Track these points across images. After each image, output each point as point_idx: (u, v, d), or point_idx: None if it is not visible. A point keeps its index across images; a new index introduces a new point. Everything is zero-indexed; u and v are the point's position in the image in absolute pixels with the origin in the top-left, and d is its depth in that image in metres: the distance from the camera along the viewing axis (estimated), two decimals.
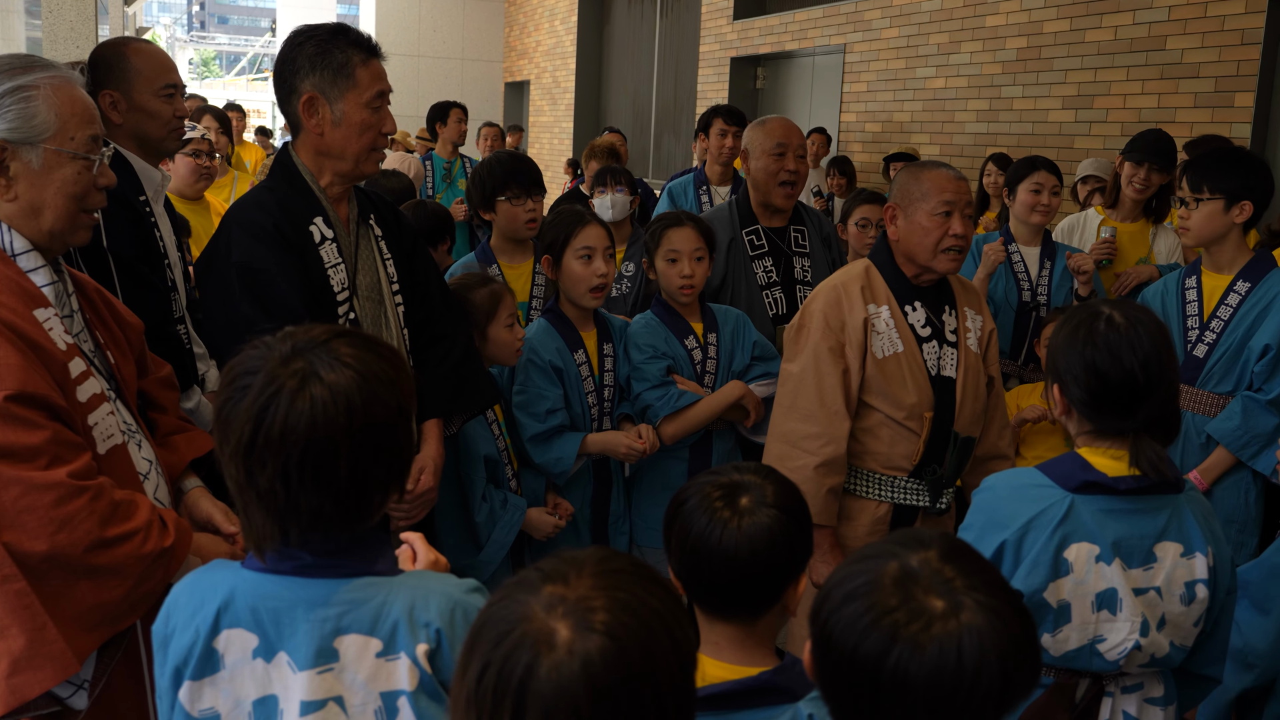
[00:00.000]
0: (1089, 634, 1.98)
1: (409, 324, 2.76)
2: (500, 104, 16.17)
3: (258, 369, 1.41)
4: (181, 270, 3.09)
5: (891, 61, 7.92)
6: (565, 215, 3.30)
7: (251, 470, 1.39)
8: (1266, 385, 3.26)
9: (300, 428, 1.37)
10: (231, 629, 1.44)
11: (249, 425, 1.38)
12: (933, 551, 1.19)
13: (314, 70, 2.50)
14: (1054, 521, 1.95)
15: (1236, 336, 3.30)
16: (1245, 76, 5.40)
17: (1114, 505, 1.97)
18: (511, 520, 3.01)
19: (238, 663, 1.44)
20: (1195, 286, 3.45)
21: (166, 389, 2.29)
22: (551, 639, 1.00)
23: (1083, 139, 6.31)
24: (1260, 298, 3.30)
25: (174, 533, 1.90)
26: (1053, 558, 1.95)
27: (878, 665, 1.13)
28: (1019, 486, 2.04)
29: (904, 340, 2.87)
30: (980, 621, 1.12)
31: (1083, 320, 2.02)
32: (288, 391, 1.38)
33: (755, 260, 3.77)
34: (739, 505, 1.58)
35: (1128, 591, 1.96)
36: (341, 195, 2.64)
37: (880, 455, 2.89)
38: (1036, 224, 4.15)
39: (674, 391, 3.27)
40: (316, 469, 1.38)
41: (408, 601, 1.45)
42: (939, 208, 2.81)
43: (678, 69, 11.53)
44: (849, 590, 1.18)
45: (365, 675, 1.44)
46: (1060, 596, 1.96)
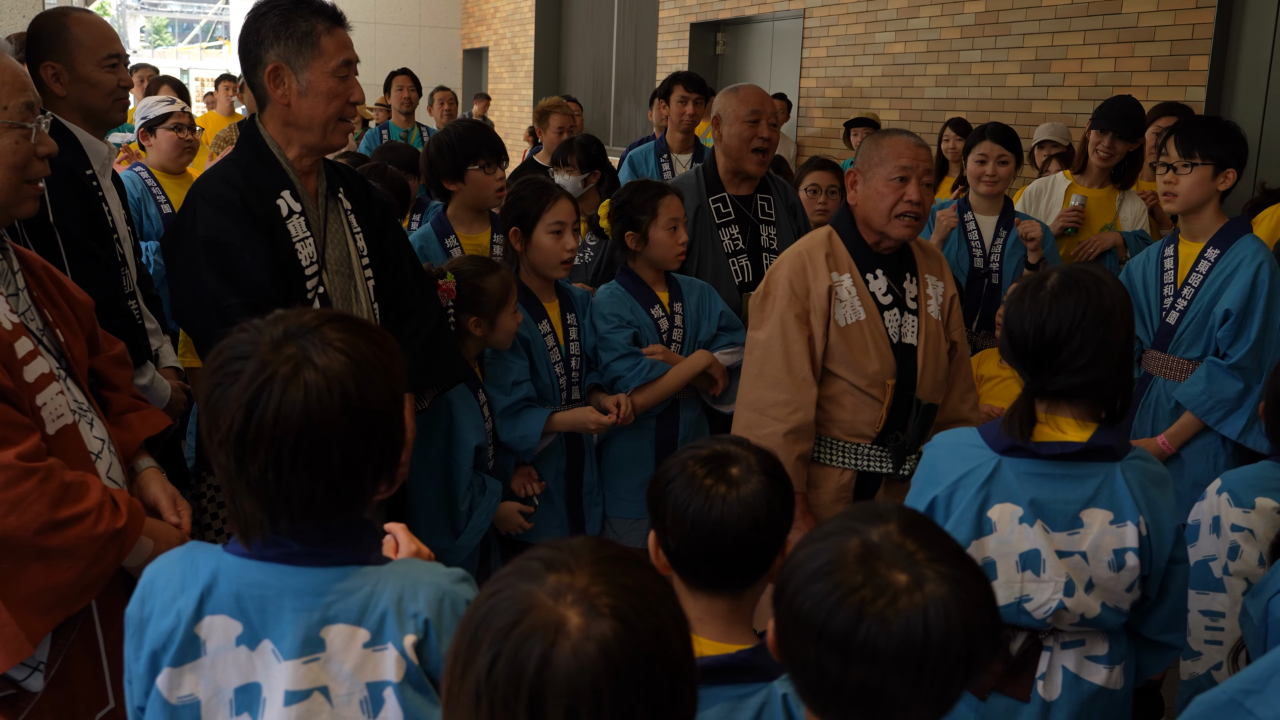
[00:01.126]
0: (1015, 592, 2.04)
1: (379, 298, 2.73)
2: (459, 71, 16.01)
3: (248, 354, 1.36)
4: (132, 245, 3.05)
5: (851, 26, 7.90)
6: (535, 188, 3.28)
7: (243, 459, 1.35)
8: (1230, 350, 3.30)
9: (294, 415, 1.33)
10: (215, 615, 1.41)
11: (241, 413, 1.33)
12: (892, 525, 1.21)
13: (278, 40, 2.45)
14: (979, 481, 2.04)
15: (1204, 302, 3.34)
16: (1200, 40, 5.44)
17: (1039, 469, 2.04)
18: (489, 506, 3.02)
19: (220, 649, 1.41)
20: (1173, 255, 3.48)
21: (119, 367, 2.26)
22: (563, 626, 0.99)
23: (1040, 103, 6.34)
24: (1228, 264, 3.34)
25: (126, 514, 1.87)
26: (976, 516, 2.04)
27: (846, 641, 1.14)
28: (956, 445, 2.13)
29: (866, 308, 2.88)
30: (944, 592, 1.14)
31: (1031, 279, 2.09)
32: (281, 378, 1.34)
33: (721, 228, 3.76)
34: (730, 476, 1.58)
35: (1050, 553, 2.02)
36: (310, 168, 2.60)
37: (844, 423, 2.90)
38: (984, 193, 4.16)
39: (644, 362, 3.27)
40: (310, 457, 1.35)
41: (396, 592, 1.43)
42: (895, 173, 2.82)
43: (637, 35, 11.46)
44: (813, 569, 1.20)
45: (352, 665, 1.42)
46: (985, 554, 2.04)
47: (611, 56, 12.09)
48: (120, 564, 1.90)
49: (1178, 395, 3.35)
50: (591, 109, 12.64)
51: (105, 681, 1.97)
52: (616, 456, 3.40)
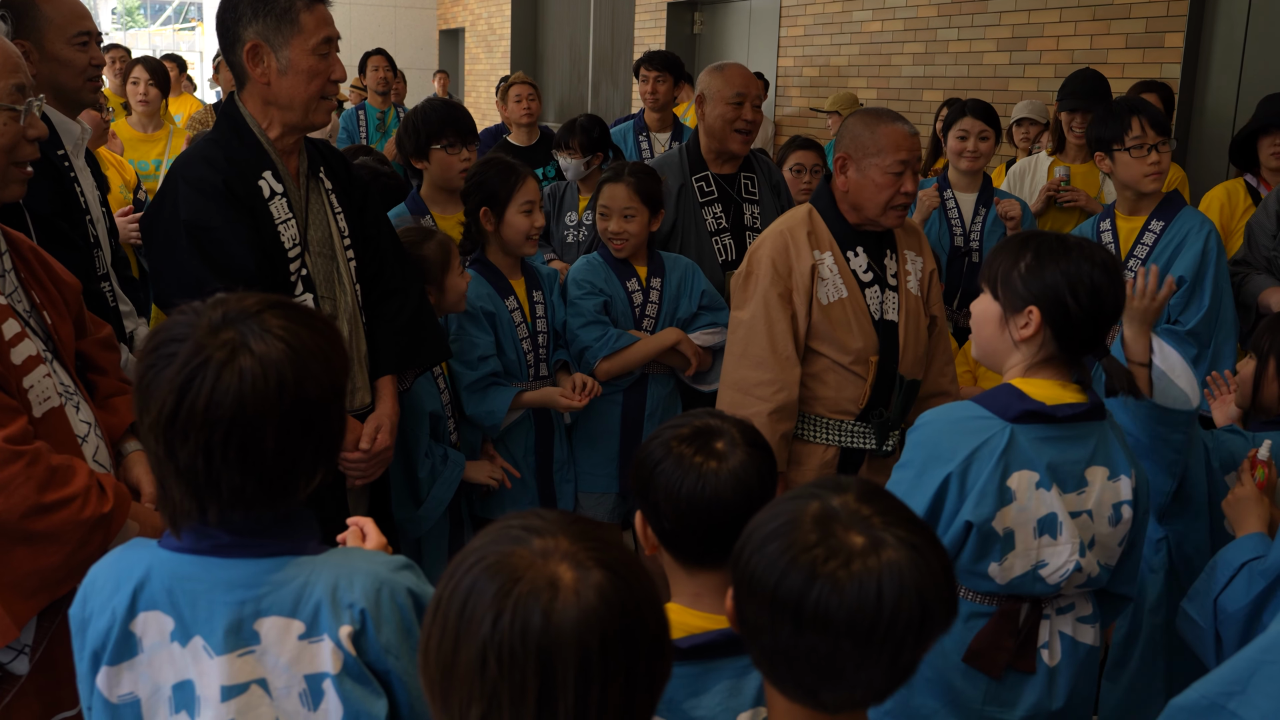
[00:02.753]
0: (1032, 559, 2.03)
1: (361, 279, 2.71)
2: (435, 52, 15.90)
3: (184, 337, 1.33)
4: (106, 226, 3.02)
5: (828, 5, 7.89)
6: (501, 169, 3.26)
7: (171, 444, 1.31)
8: (1182, 317, 3.36)
9: (226, 402, 1.29)
10: (148, 611, 1.38)
11: (171, 396, 1.29)
12: (851, 494, 1.21)
13: (257, 17, 2.42)
14: (997, 451, 1.99)
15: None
16: (1175, 17, 5.47)
17: (1048, 433, 2.02)
18: (451, 476, 3.01)
19: (155, 646, 1.39)
20: (1110, 229, 3.52)
21: (106, 350, 2.25)
22: (558, 581, 1.03)
23: (1017, 81, 6.36)
24: (1174, 234, 3.40)
25: (113, 498, 1.87)
26: (998, 487, 1.99)
27: (799, 603, 1.13)
28: (958, 420, 2.06)
29: (848, 286, 2.89)
30: (900, 557, 1.14)
31: (1057, 242, 2.04)
32: (215, 363, 1.30)
33: (705, 207, 3.76)
34: (716, 450, 1.58)
35: (1066, 515, 2.02)
36: (292, 148, 2.58)
37: (827, 400, 2.92)
38: (965, 169, 4.18)
39: (612, 333, 3.29)
40: (242, 446, 1.31)
41: (330, 582, 1.39)
42: (893, 167, 2.80)
43: (614, 15, 11.40)
44: (769, 531, 1.19)
45: (287, 658, 1.39)
46: (1006, 524, 2.01)
47: (589, 36, 12.04)
48: (107, 548, 1.89)
49: None
50: (569, 89, 12.59)
51: None
52: (583, 431, 3.42)
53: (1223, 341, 3.35)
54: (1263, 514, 2.23)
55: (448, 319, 3.14)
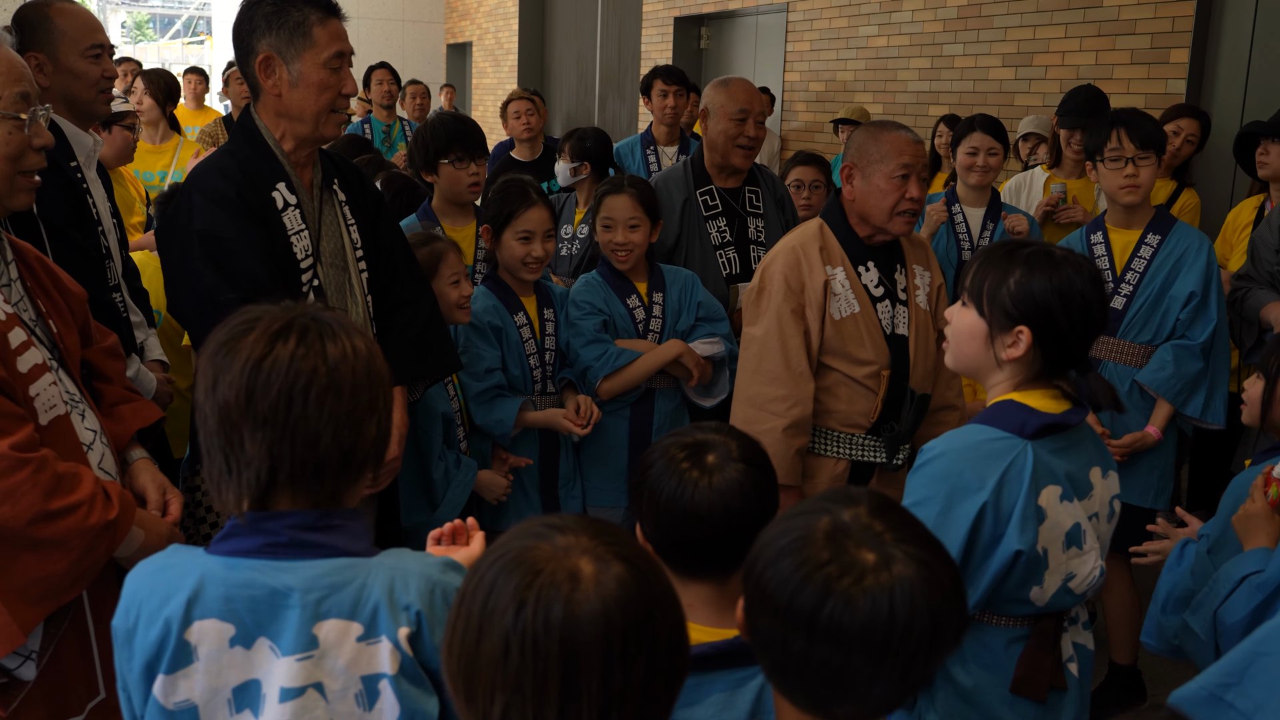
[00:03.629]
0: (1063, 574, 2.00)
1: (373, 290, 2.72)
2: (442, 66, 15.96)
3: (250, 333, 1.41)
4: (117, 237, 3.04)
5: (834, 20, 7.92)
6: (514, 191, 3.27)
7: (240, 433, 1.37)
8: (1191, 332, 3.36)
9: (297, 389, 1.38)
10: (204, 620, 1.40)
11: (242, 385, 1.37)
12: (862, 507, 1.21)
13: (270, 30, 2.45)
14: (1026, 472, 1.93)
15: (1154, 287, 3.38)
16: (1180, 32, 5.48)
17: (1058, 444, 1.99)
18: (465, 480, 3.03)
19: (213, 653, 1.40)
20: (1103, 242, 3.51)
21: (112, 358, 2.26)
22: (579, 574, 1.07)
23: (1023, 96, 6.37)
24: (1173, 249, 3.39)
25: (118, 505, 1.88)
26: (1035, 508, 1.94)
27: (812, 619, 1.14)
28: (975, 444, 1.97)
29: (859, 301, 2.91)
30: (911, 573, 1.15)
31: (1044, 256, 1.97)
32: (304, 354, 1.39)
33: (709, 220, 3.77)
34: (706, 463, 1.58)
35: (1087, 522, 2.01)
36: (306, 160, 2.60)
37: (839, 414, 2.93)
38: (975, 184, 4.19)
39: (612, 351, 3.28)
40: (336, 420, 1.39)
41: (386, 584, 1.42)
42: (897, 170, 2.82)
43: (621, 29, 11.45)
44: (781, 546, 1.20)
45: (346, 660, 1.41)
46: (1042, 544, 1.96)
47: (595, 51, 12.08)
48: (112, 555, 1.90)
49: (1145, 380, 3.38)
50: (575, 104, 12.63)
51: (96, 671, 1.97)
52: (591, 446, 3.42)
53: (1218, 355, 3.37)
54: (1271, 531, 2.21)
55: (456, 330, 3.15)
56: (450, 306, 3.05)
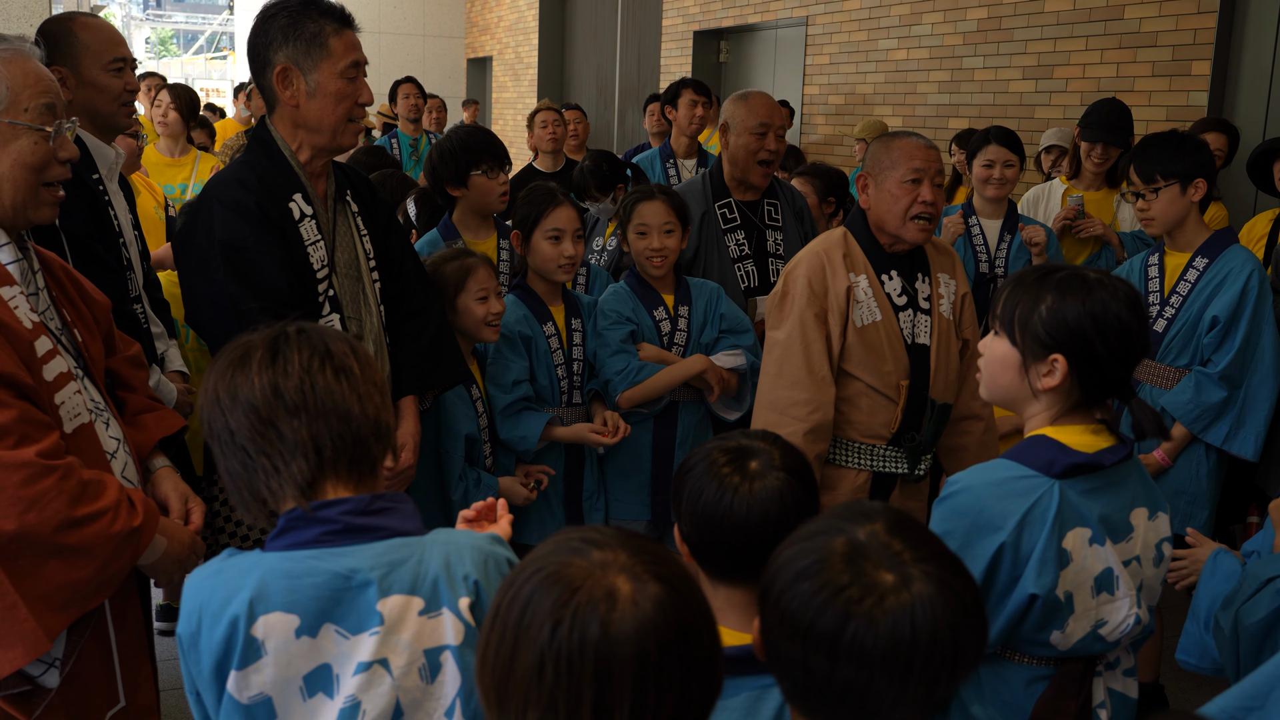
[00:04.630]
0: (1091, 619, 1.91)
1: (385, 300, 2.75)
2: (463, 80, 16.05)
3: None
4: (138, 249, 3.06)
5: (854, 34, 7.92)
6: (539, 194, 3.29)
7: (277, 427, 1.46)
8: (1214, 357, 3.31)
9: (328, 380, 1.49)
10: (269, 614, 1.44)
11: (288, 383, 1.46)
12: (879, 524, 1.21)
13: (287, 42, 2.48)
14: (1050, 513, 1.84)
15: (1193, 311, 3.35)
16: (1202, 45, 5.45)
17: (1092, 484, 1.90)
18: (483, 499, 3.01)
19: (280, 645, 1.45)
20: (1158, 264, 3.49)
21: (135, 368, 2.28)
22: (616, 593, 1.07)
23: (1043, 109, 6.35)
24: (1217, 272, 3.34)
25: (142, 512, 1.89)
26: (1056, 552, 1.85)
27: (834, 641, 1.15)
28: (1000, 481, 1.89)
29: (882, 309, 2.89)
30: (930, 592, 1.15)
31: (1076, 280, 1.88)
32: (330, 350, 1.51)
33: (727, 233, 3.77)
34: (748, 469, 1.58)
35: (1120, 567, 1.91)
36: (321, 170, 2.62)
37: (860, 424, 2.91)
38: (991, 197, 4.18)
39: (634, 364, 3.28)
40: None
41: (442, 557, 1.48)
42: (908, 175, 2.82)
43: (641, 43, 11.48)
44: (799, 568, 1.20)
45: (409, 635, 1.46)
46: (1065, 588, 1.88)
47: (615, 65, 12.12)
48: (135, 562, 1.91)
49: (1165, 403, 3.36)
50: (595, 117, 12.66)
51: (117, 680, 1.98)
52: (614, 458, 3.41)
53: (1258, 385, 3.27)
54: None
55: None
56: (477, 323, 3.04)
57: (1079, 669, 1.96)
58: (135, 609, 2.06)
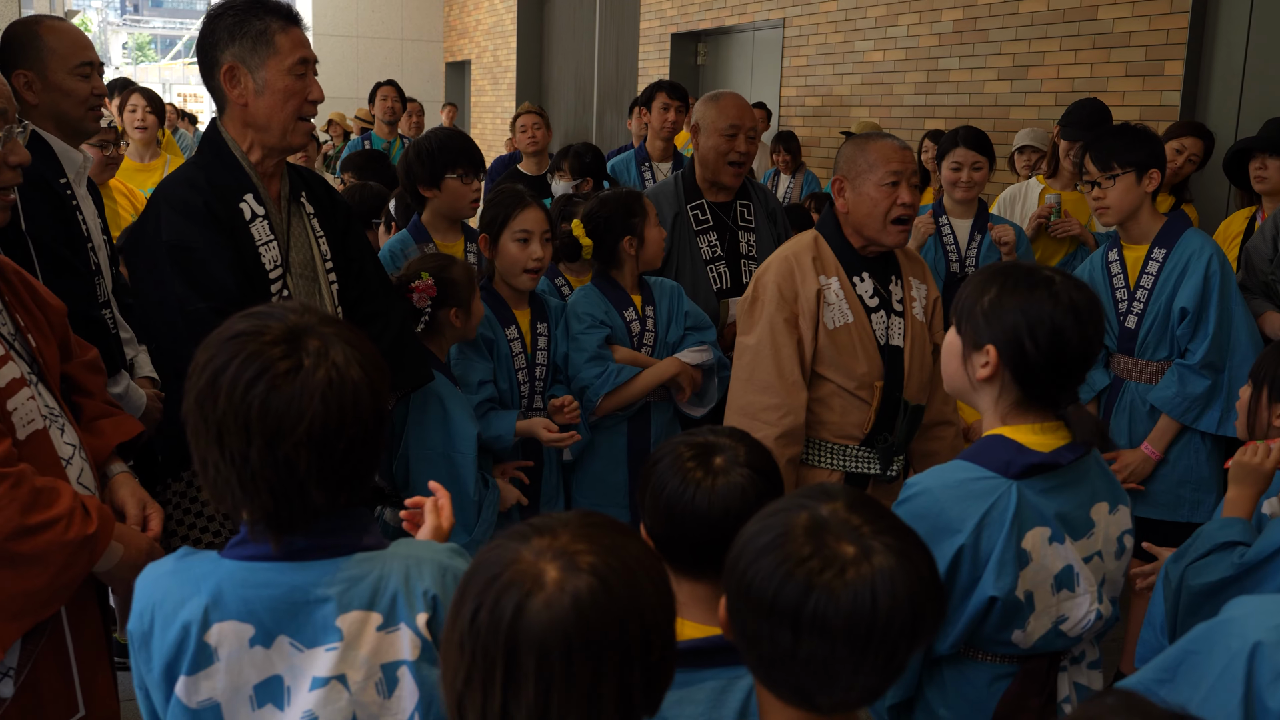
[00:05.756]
0: (1052, 616, 1.92)
1: (343, 302, 2.72)
2: (441, 84, 16.02)
3: (255, 350, 1.38)
4: (107, 254, 3.03)
5: (830, 35, 7.94)
6: (505, 196, 3.27)
7: (247, 451, 1.36)
8: (1191, 347, 3.33)
9: (312, 411, 1.37)
10: (223, 622, 1.43)
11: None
12: (839, 502, 1.24)
13: (233, 40, 2.47)
14: (1008, 515, 1.84)
15: (1161, 303, 3.36)
16: (1174, 45, 5.48)
17: (1050, 482, 1.90)
18: (494, 499, 3.01)
19: (233, 654, 1.43)
20: (1118, 259, 3.50)
21: (92, 372, 2.25)
22: (541, 579, 1.08)
23: (1018, 109, 6.37)
24: (1177, 261, 3.36)
25: (97, 520, 1.86)
26: (1015, 553, 1.85)
27: (797, 612, 1.17)
28: (958, 483, 1.89)
29: (854, 311, 2.89)
30: (890, 563, 1.18)
31: (1025, 277, 1.88)
32: (307, 372, 1.38)
33: (700, 235, 3.76)
34: (712, 465, 1.59)
35: (1080, 564, 1.92)
36: (273, 170, 2.60)
37: (832, 425, 2.91)
38: (960, 199, 4.19)
39: (612, 368, 3.27)
40: (336, 453, 1.39)
41: (403, 572, 1.47)
42: (886, 178, 2.81)
43: (619, 46, 11.49)
44: (763, 544, 1.23)
45: (368, 650, 1.45)
46: (1025, 587, 1.88)
47: (593, 68, 12.12)
48: (90, 570, 1.89)
49: (1152, 399, 3.38)
50: (574, 120, 12.66)
51: (75, 688, 1.95)
52: (590, 461, 3.40)
53: (1239, 365, 3.28)
54: (1256, 495, 2.20)
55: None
56: (479, 320, 3.07)
57: (1042, 666, 1.97)
58: (93, 616, 2.03)
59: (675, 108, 5.40)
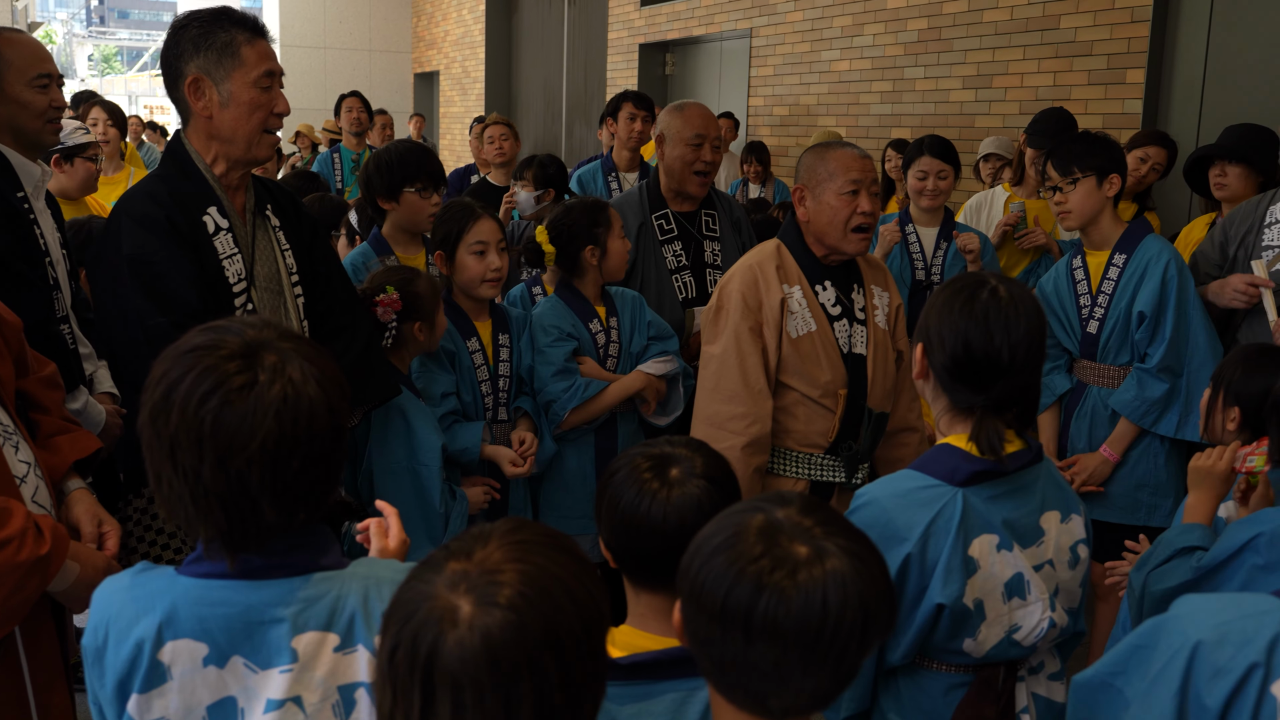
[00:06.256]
0: (1004, 626, 1.92)
1: (309, 315, 2.70)
2: (410, 95, 15.98)
3: (210, 365, 1.36)
4: (66, 269, 3.00)
5: (797, 45, 7.97)
6: (456, 210, 3.25)
7: (199, 469, 1.34)
8: (1149, 351, 3.36)
9: (269, 425, 1.35)
10: (177, 640, 1.40)
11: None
12: (793, 507, 1.25)
13: (198, 52, 2.44)
14: (954, 522, 1.86)
15: (1122, 307, 3.39)
16: (1135, 53, 5.54)
17: (997, 490, 1.92)
18: (462, 511, 3.00)
19: (186, 673, 1.41)
20: (1082, 265, 3.53)
21: (49, 388, 2.22)
22: (454, 616, 1.05)
23: (983, 118, 6.42)
24: (1137, 266, 3.39)
25: (50, 540, 1.83)
26: (962, 560, 1.86)
27: (748, 614, 1.17)
28: (905, 492, 1.91)
29: (816, 319, 2.90)
30: (842, 565, 1.18)
31: (964, 287, 1.93)
32: (264, 387, 1.35)
33: (665, 244, 3.76)
34: (668, 476, 1.58)
35: (1031, 572, 1.93)
36: (238, 183, 2.58)
37: (797, 433, 2.91)
38: (926, 207, 4.21)
39: (579, 383, 3.26)
40: (289, 469, 1.37)
41: (361, 592, 1.45)
42: (846, 186, 2.83)
43: (587, 57, 11.50)
44: (715, 544, 1.22)
45: (324, 672, 1.43)
46: (974, 595, 1.89)
47: (562, 78, 12.12)
48: (43, 590, 1.86)
49: (1112, 403, 3.41)
50: (543, 130, 12.65)
51: (30, 708, 1.92)
52: (558, 473, 3.39)
53: (1198, 369, 3.32)
54: (1215, 499, 2.22)
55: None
56: (441, 332, 3.06)
57: (997, 674, 1.97)
58: (50, 637, 2.00)
59: (642, 118, 5.40)
